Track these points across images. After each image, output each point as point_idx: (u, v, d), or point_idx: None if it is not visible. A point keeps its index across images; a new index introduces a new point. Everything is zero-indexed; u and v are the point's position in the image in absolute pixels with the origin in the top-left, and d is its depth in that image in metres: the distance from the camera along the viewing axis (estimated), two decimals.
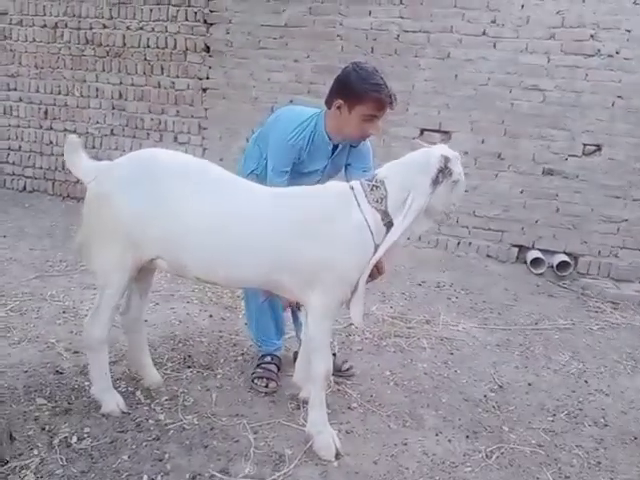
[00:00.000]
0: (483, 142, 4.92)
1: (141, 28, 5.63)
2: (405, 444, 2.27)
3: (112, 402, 2.29)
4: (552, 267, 4.70)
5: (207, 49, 5.49)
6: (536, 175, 4.81)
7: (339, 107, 2.35)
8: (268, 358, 2.71)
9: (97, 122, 5.91)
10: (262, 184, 2.30)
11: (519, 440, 2.37)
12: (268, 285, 2.23)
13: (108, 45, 5.73)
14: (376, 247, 2.11)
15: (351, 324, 3.42)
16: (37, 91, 6.01)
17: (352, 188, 2.18)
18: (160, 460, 2.05)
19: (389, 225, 2.13)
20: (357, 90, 2.29)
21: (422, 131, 5.08)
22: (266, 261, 2.11)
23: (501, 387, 2.81)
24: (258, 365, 2.68)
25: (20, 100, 6.08)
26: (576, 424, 2.53)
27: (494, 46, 4.76)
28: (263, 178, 2.46)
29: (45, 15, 5.84)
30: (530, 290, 4.38)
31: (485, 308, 3.92)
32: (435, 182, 2.12)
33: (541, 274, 4.68)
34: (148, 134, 5.78)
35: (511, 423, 2.50)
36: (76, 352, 2.79)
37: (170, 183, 2.11)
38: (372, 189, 2.15)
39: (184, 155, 2.29)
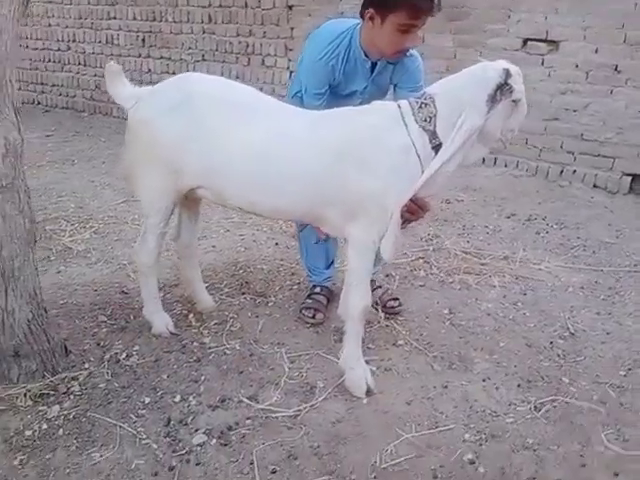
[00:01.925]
0: (597, 52, 4.27)
1: None
2: (445, 387, 2.14)
3: (161, 324, 2.39)
4: None
5: None
6: None
7: (371, 18, 2.10)
8: (317, 289, 2.66)
9: (189, 48, 5.96)
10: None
11: (579, 394, 2.14)
12: (311, 217, 2.13)
13: None
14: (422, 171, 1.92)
15: (420, 258, 3.28)
16: (134, 18, 6.16)
17: (399, 107, 1.97)
18: (195, 382, 2.12)
19: (438, 148, 1.91)
20: None
21: (525, 41, 4.53)
22: (308, 189, 2.00)
23: (573, 334, 2.53)
24: (308, 295, 2.65)
25: (120, 29, 6.28)
26: None
27: None
28: None
29: None
30: (638, 226, 3.85)
31: (578, 245, 3.53)
32: (493, 99, 1.85)
33: None
34: (237, 58, 5.74)
35: (574, 375, 2.25)
36: None
37: (208, 109, 2.03)
38: (420, 107, 1.93)
39: (225, 80, 2.21)
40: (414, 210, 1.96)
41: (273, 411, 1.98)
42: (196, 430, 1.89)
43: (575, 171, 4.52)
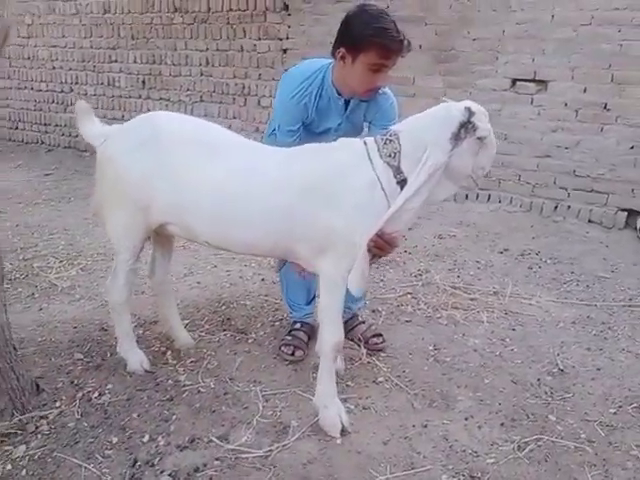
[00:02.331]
0: (585, 91, 4.30)
1: None
2: (425, 426, 2.06)
3: (136, 361, 2.34)
4: None
5: (286, 7, 5.36)
6: None
7: (342, 57, 2.11)
8: (298, 325, 2.61)
9: (188, 89, 6.08)
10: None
11: (565, 433, 2.05)
12: (279, 252, 2.11)
13: (194, 11, 5.83)
14: (389, 206, 1.90)
15: (408, 293, 3.23)
16: (135, 62, 6.32)
17: (365, 143, 1.98)
18: (166, 421, 2.05)
19: (402, 183, 1.90)
20: (359, 36, 2.03)
21: (514, 81, 4.58)
22: (275, 224, 1.98)
23: (562, 371, 2.45)
24: (288, 332, 2.60)
25: (121, 71, 6.44)
26: None
27: None
28: None
29: None
30: (634, 261, 3.79)
31: (571, 280, 3.47)
32: (456, 137, 1.86)
33: None
34: (233, 99, 5.84)
35: (561, 413, 2.17)
36: None
37: (175, 146, 2.04)
38: (385, 143, 1.94)
39: (190, 118, 2.23)
40: (381, 245, 1.92)
41: (243, 451, 1.91)
42: (162, 472, 1.81)
43: (570, 207, 4.50)
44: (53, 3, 6.66)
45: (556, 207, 4.56)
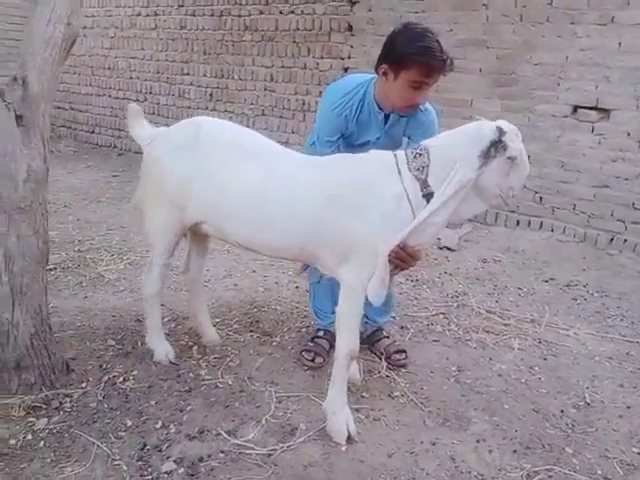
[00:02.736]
0: None
1: (292, 12, 5.83)
2: (434, 444, 2.03)
3: (162, 352, 2.44)
4: None
5: (350, 28, 5.47)
6: None
7: (385, 73, 2.16)
8: (321, 333, 2.64)
9: (251, 103, 6.30)
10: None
11: (580, 467, 1.96)
12: (305, 256, 2.16)
13: (263, 30, 6.05)
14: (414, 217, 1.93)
15: (441, 313, 3.19)
16: (204, 75, 6.62)
17: (395, 156, 2.01)
18: (181, 411, 2.13)
19: (429, 197, 1.92)
20: (402, 54, 2.08)
21: (575, 108, 4.43)
22: (302, 230, 2.04)
23: (588, 404, 2.35)
24: (311, 339, 2.64)
25: (191, 84, 6.76)
26: None
27: None
28: None
29: (213, 5, 6.38)
30: None
31: (616, 315, 3.31)
32: (486, 155, 1.87)
33: None
34: (293, 114, 5.99)
35: (580, 446, 2.08)
36: (162, 305, 3.02)
37: (214, 150, 2.15)
38: (415, 156, 1.96)
39: (233, 124, 2.32)
40: (404, 257, 1.94)
41: (248, 447, 1.95)
42: (168, 457, 1.89)
43: (626, 240, 4.29)
44: (135, 18, 7.11)
45: (612, 240, 4.36)
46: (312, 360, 2.50)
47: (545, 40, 4.48)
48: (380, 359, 2.58)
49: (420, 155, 1.96)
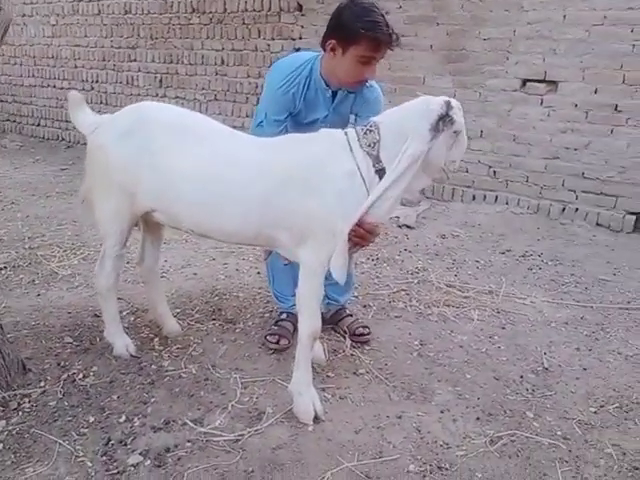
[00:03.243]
0: (596, 92, 4.24)
1: None
2: (399, 417, 2.06)
3: (121, 346, 2.39)
4: None
5: (300, 8, 5.41)
6: None
7: (332, 48, 2.14)
8: (284, 315, 2.64)
9: (203, 88, 6.17)
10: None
11: (541, 429, 2.03)
12: (261, 240, 2.13)
13: (211, 12, 5.92)
14: (367, 193, 1.93)
15: (402, 290, 3.22)
16: (153, 61, 6.44)
17: (346, 133, 2.00)
18: (144, 403, 2.10)
19: (381, 173, 1.93)
20: (350, 29, 2.06)
21: (524, 82, 4.53)
22: (255, 212, 2.02)
23: (547, 369, 2.42)
24: (275, 322, 2.63)
25: (139, 70, 6.57)
26: (625, 420, 2.10)
27: None
28: None
29: None
30: (639, 265, 3.72)
31: (570, 282, 3.42)
32: (435, 129, 1.88)
33: None
34: (247, 98, 5.90)
35: (540, 410, 2.14)
36: (120, 298, 2.95)
37: (160, 134, 2.09)
38: (365, 133, 1.96)
39: (177, 108, 2.27)
40: (362, 234, 1.94)
41: (215, 435, 1.94)
42: (134, 451, 1.86)
43: (577, 209, 4.43)
44: (77, 4, 6.83)
45: (564, 209, 4.49)
46: (277, 342, 2.50)
47: (493, 14, 4.53)
48: (344, 338, 2.59)
49: (371, 131, 1.96)
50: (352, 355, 2.49)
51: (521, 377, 2.36)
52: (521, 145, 4.59)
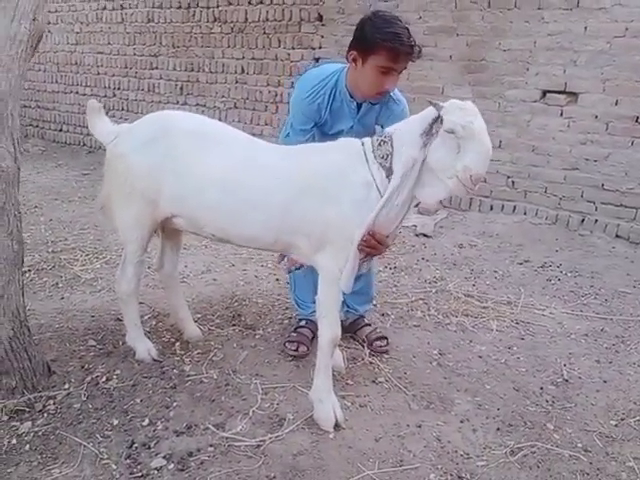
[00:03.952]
0: (617, 104, 4.21)
1: (261, 2, 5.78)
2: (419, 426, 2.07)
3: (144, 350, 2.42)
4: None
5: (320, 18, 5.46)
6: None
7: (354, 59, 2.18)
8: (303, 322, 2.66)
9: (223, 96, 6.24)
10: None
11: (562, 441, 2.02)
12: (280, 246, 2.16)
13: (232, 21, 5.99)
14: None
15: (420, 299, 3.23)
16: (174, 69, 6.53)
17: (363, 144, 2.03)
18: (167, 407, 2.13)
19: None
20: (370, 39, 2.10)
21: (544, 93, 4.52)
22: (275, 219, 2.05)
23: (567, 381, 2.42)
24: (294, 329, 2.65)
25: (160, 78, 6.67)
26: None
27: None
28: None
29: None
30: None
31: (590, 293, 3.40)
32: (427, 132, 1.86)
33: None
34: (266, 106, 5.96)
35: (560, 421, 2.14)
36: (141, 303, 3.00)
37: (183, 141, 2.13)
38: (380, 144, 1.98)
39: (199, 116, 2.31)
40: (373, 244, 1.96)
41: (237, 440, 1.96)
42: (157, 454, 1.88)
43: (597, 221, 4.40)
44: (101, 12, 6.96)
45: (583, 220, 4.47)
46: (296, 350, 2.52)
47: (513, 26, 4.54)
48: (363, 346, 2.61)
49: (384, 142, 1.97)
50: (371, 363, 2.50)
51: (541, 388, 2.36)
52: (540, 156, 4.58)
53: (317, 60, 5.54)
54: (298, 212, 2.00)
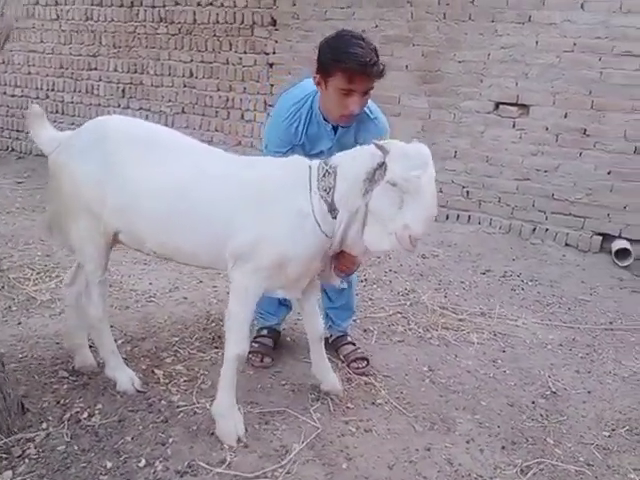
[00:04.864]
0: (566, 116, 4.41)
1: (210, 4, 5.60)
2: (428, 449, 2.05)
3: (126, 380, 2.25)
4: None
5: (274, 22, 5.36)
6: (627, 154, 4.23)
7: (318, 82, 2.15)
8: (264, 331, 2.66)
9: (169, 100, 6.00)
10: None
11: (565, 456, 2.07)
12: (221, 264, 2.04)
13: (180, 22, 5.77)
14: (327, 237, 1.93)
15: (398, 312, 3.23)
16: (115, 70, 6.20)
17: (310, 169, 1.96)
18: (163, 444, 1.98)
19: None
20: (325, 62, 2.08)
21: (497, 105, 4.66)
22: (215, 232, 1.96)
23: (554, 393, 2.48)
24: (254, 339, 2.58)
25: (100, 79, 6.31)
26: (638, 443, 2.17)
27: (582, 7, 4.21)
28: None
29: None
30: (611, 284, 3.90)
31: (554, 302, 3.53)
32: (371, 179, 1.79)
33: (627, 267, 4.14)
34: (216, 112, 5.78)
35: (559, 435, 2.19)
36: (112, 326, 2.79)
37: (121, 148, 2.00)
38: (324, 175, 1.92)
39: (141, 121, 2.21)
40: (343, 262, 2.04)
41: (246, 478, 1.85)
42: None
43: (547, 230, 4.59)
44: (33, 8, 6.48)
45: (534, 229, 4.64)
46: (261, 361, 2.51)
47: (468, 37, 4.65)
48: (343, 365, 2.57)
49: (328, 174, 1.91)
50: (366, 384, 2.45)
51: (533, 402, 2.40)
52: (494, 166, 4.72)
53: (271, 66, 5.45)
54: (237, 227, 1.92)
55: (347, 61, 2.04)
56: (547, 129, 4.50)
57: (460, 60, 4.71)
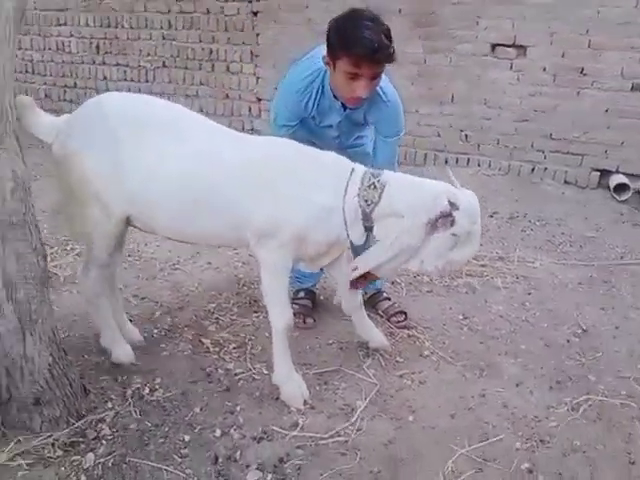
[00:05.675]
0: (563, 56, 4.41)
1: None
2: (483, 396, 2.15)
3: (120, 352, 2.23)
4: (638, 193, 4.30)
5: None
6: (624, 92, 4.29)
7: (327, 63, 2.09)
8: (302, 294, 2.70)
9: (148, 54, 5.74)
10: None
11: (608, 391, 2.20)
12: (241, 242, 2.07)
13: None
14: (347, 235, 1.98)
15: None
16: (87, 25, 5.87)
17: (352, 173, 1.96)
18: (232, 413, 2.02)
19: (368, 229, 1.97)
20: (334, 44, 2.02)
21: (494, 47, 4.61)
22: (230, 213, 1.96)
23: (585, 331, 2.61)
24: (293, 301, 2.58)
25: (71, 35, 5.97)
26: None
27: None
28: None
29: None
30: (613, 219, 4.04)
31: (564, 241, 3.65)
32: (433, 225, 1.85)
33: (625, 201, 4.28)
34: (200, 64, 5.58)
35: (598, 372, 2.32)
36: (143, 298, 2.80)
37: (125, 129, 1.93)
38: (369, 187, 1.93)
39: (144, 97, 2.15)
40: (364, 282, 2.19)
41: (322, 438, 1.92)
42: (247, 466, 1.80)
43: (546, 169, 4.67)
44: None
45: (533, 169, 4.72)
46: (304, 322, 2.56)
47: None
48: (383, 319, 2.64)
49: (374, 188, 1.92)
50: (409, 337, 2.53)
51: (568, 341, 2.53)
52: (492, 109, 4.72)
53: (255, 14, 5.23)
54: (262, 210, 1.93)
55: (354, 46, 1.96)
56: (545, 69, 4.50)
57: (455, 2, 4.61)
